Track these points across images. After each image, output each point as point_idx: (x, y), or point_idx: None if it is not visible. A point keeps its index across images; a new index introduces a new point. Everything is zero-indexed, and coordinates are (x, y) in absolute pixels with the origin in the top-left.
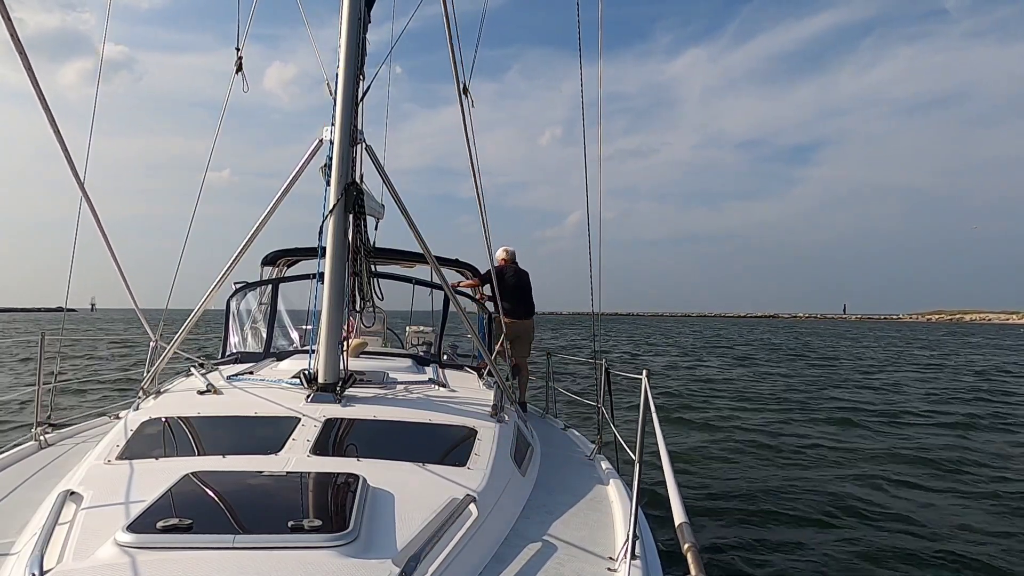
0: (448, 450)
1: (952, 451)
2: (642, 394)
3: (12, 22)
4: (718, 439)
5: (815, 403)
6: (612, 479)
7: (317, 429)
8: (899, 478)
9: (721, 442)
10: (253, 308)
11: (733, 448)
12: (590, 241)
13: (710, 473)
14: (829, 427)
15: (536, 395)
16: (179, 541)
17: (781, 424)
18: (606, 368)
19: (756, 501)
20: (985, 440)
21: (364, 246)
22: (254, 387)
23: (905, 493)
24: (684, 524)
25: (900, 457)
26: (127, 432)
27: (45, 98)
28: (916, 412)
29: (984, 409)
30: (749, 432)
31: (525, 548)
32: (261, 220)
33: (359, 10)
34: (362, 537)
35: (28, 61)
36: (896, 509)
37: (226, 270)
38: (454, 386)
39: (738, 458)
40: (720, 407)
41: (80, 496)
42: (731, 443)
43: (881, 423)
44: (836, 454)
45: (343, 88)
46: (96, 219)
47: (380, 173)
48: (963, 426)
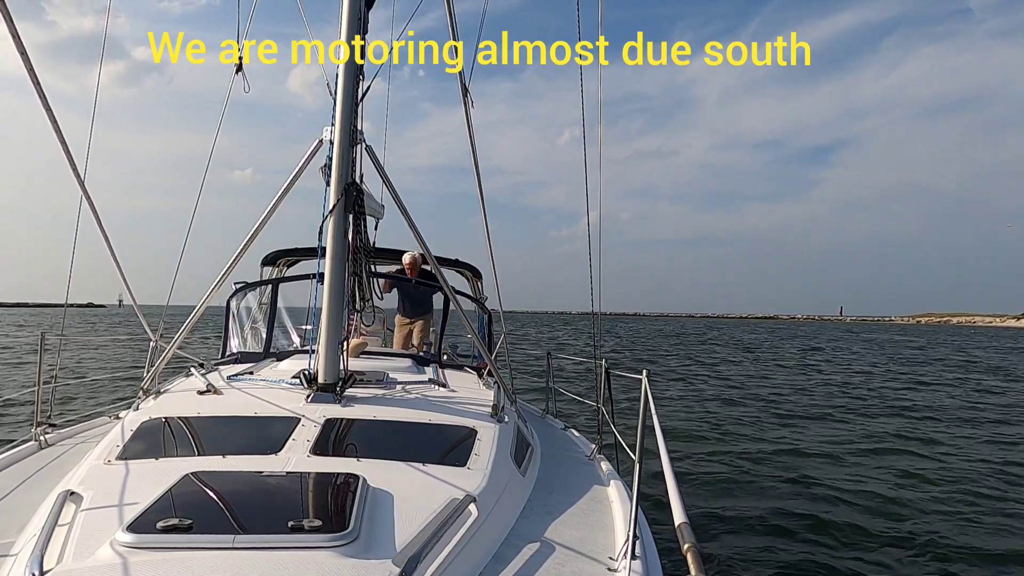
0: (448, 450)
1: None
2: (642, 394)
3: (14, 23)
4: (718, 439)
5: (815, 403)
6: (612, 479)
7: (317, 429)
8: (899, 478)
9: (721, 442)
10: (253, 308)
11: (733, 448)
12: (590, 242)
13: (710, 473)
14: (829, 428)
15: (536, 395)
16: (179, 541)
17: (781, 424)
18: (606, 368)
19: (756, 501)
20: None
21: (364, 246)
22: (254, 387)
23: (905, 493)
24: (684, 524)
25: (900, 459)
26: (127, 432)
27: (46, 98)
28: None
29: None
30: (749, 432)
31: (525, 548)
32: (261, 220)
33: (359, 10)
34: (362, 537)
35: (29, 62)
36: (896, 509)
37: (226, 270)
38: (454, 386)
39: (738, 458)
40: (719, 407)
41: (80, 496)
42: (731, 443)
43: (880, 424)
44: (836, 454)
45: (343, 88)
46: (95, 216)
47: (380, 173)
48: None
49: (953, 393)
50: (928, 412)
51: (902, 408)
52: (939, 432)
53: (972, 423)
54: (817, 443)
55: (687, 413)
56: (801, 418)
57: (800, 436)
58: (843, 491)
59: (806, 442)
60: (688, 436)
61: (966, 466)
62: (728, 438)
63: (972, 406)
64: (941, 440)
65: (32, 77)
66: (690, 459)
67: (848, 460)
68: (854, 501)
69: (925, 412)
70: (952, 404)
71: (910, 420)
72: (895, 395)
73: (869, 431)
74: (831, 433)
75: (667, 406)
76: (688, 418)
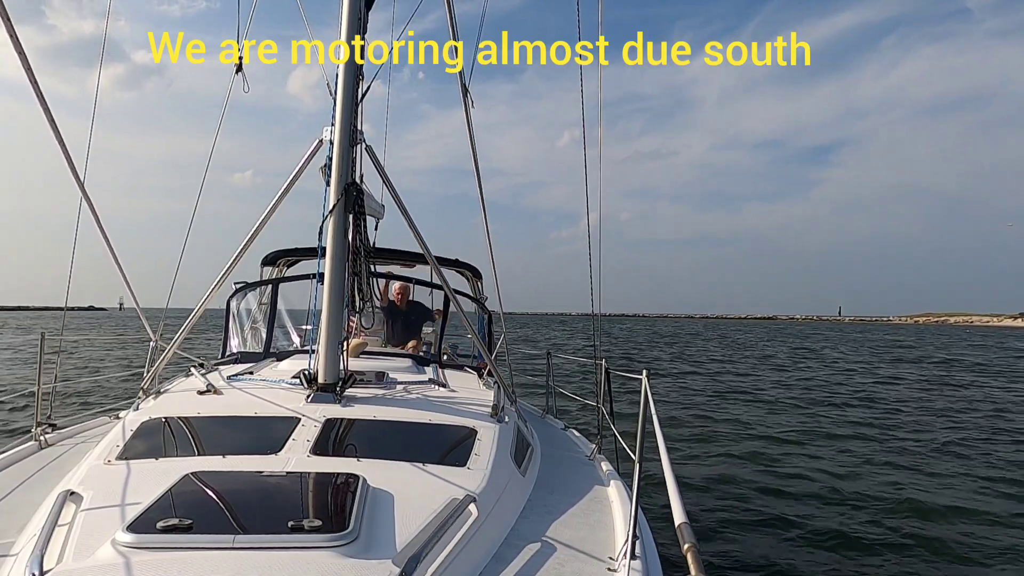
0: (448, 450)
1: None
2: (642, 394)
3: (12, 24)
4: (718, 439)
5: (815, 404)
6: (612, 479)
7: (317, 429)
8: (898, 480)
9: (721, 443)
10: (253, 308)
11: (733, 449)
12: (589, 243)
13: (710, 473)
14: (827, 428)
15: (536, 395)
16: (179, 541)
17: (780, 425)
18: (606, 368)
19: (756, 501)
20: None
21: (364, 246)
22: (254, 387)
23: (906, 492)
24: (684, 524)
25: (898, 459)
26: (127, 432)
27: (45, 99)
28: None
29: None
30: (749, 433)
31: (525, 548)
32: (261, 220)
33: (359, 10)
34: (362, 537)
35: (28, 63)
36: (894, 508)
37: (226, 270)
38: (454, 386)
39: (738, 459)
40: (720, 407)
41: (80, 496)
42: (731, 444)
43: (879, 425)
44: (835, 455)
45: (343, 88)
46: (96, 218)
47: (380, 173)
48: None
49: (922, 388)
50: (898, 405)
51: (871, 400)
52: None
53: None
54: (817, 442)
55: (683, 411)
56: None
57: (801, 435)
58: (843, 491)
59: (806, 441)
60: (683, 436)
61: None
62: (726, 438)
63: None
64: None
65: (31, 81)
66: (692, 459)
67: (847, 460)
68: (854, 501)
69: (895, 404)
70: (922, 397)
71: (892, 414)
72: (868, 390)
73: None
74: (832, 433)
75: (660, 403)
76: (683, 416)
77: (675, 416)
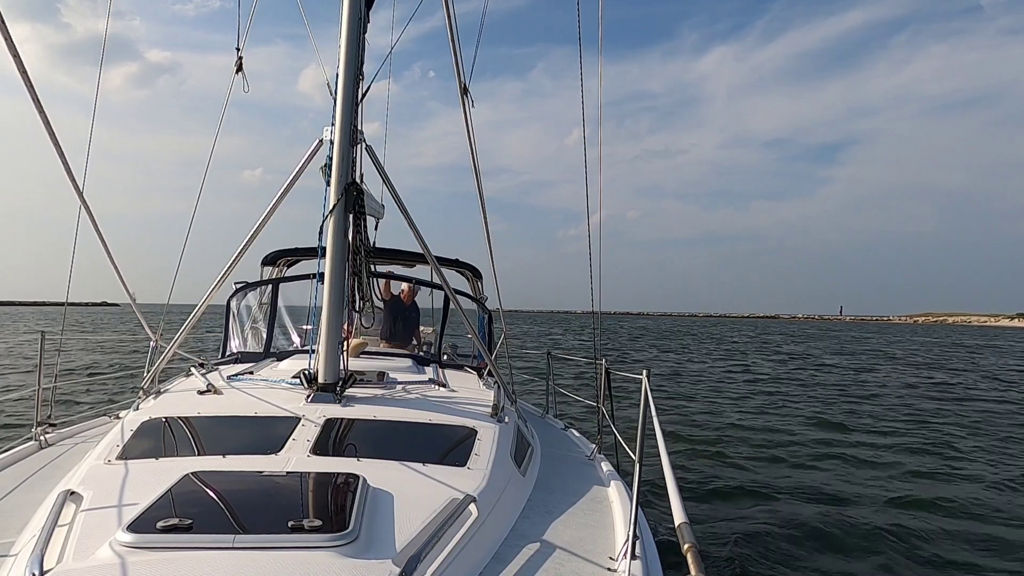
0: (448, 450)
1: None
2: (642, 394)
3: (7, 26)
4: (718, 440)
5: (814, 405)
6: (612, 479)
7: (317, 429)
8: (897, 479)
9: (721, 443)
10: (253, 308)
11: (733, 449)
12: (590, 242)
13: (710, 473)
14: (827, 429)
15: (536, 395)
16: (179, 541)
17: (780, 425)
18: (606, 368)
19: (756, 501)
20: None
21: (364, 246)
22: (254, 387)
23: (905, 495)
24: (684, 524)
25: (897, 461)
26: (127, 432)
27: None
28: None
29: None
30: (749, 433)
31: (525, 548)
32: (261, 220)
33: (359, 10)
34: (362, 537)
35: (22, 63)
36: (893, 507)
37: (226, 270)
38: (454, 386)
39: (738, 459)
40: (720, 407)
41: (80, 496)
42: (731, 444)
43: (878, 427)
44: (834, 455)
45: (343, 88)
46: (91, 218)
47: (380, 173)
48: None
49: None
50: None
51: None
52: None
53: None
54: (815, 442)
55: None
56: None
57: (800, 436)
58: (843, 491)
59: (806, 442)
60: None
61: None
62: (727, 439)
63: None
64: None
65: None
66: (692, 459)
67: (847, 460)
68: (855, 501)
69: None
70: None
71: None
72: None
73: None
74: (831, 433)
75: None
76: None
77: (675, 417)
